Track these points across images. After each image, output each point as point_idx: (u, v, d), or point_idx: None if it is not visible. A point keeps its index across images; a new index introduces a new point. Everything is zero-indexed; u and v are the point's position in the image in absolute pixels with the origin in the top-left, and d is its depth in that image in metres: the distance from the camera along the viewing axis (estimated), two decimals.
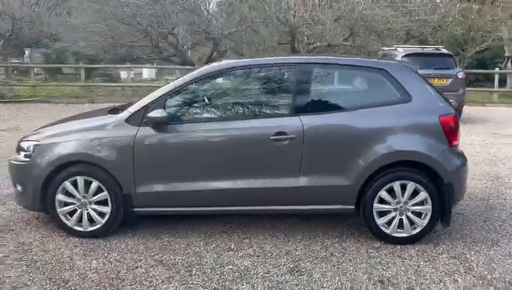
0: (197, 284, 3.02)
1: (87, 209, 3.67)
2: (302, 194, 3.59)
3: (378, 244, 3.63)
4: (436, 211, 3.56)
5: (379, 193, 3.55)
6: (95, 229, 3.69)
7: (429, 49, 11.03)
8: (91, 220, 3.68)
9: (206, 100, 3.85)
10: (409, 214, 3.58)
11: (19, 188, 3.83)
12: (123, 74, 21.48)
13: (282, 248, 3.58)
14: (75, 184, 3.64)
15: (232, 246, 3.60)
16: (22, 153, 3.83)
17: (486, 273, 3.19)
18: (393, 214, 3.59)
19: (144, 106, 3.63)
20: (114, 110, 4.00)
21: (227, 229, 3.91)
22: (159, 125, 3.55)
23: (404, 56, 10.09)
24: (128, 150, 3.58)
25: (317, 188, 3.57)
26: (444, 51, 10.93)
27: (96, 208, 3.67)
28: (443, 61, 10.36)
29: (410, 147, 3.53)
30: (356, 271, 3.20)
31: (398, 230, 3.61)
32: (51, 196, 3.65)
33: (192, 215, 4.02)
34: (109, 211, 3.65)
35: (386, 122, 3.56)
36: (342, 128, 3.58)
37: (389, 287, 2.99)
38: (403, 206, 3.57)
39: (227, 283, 3.03)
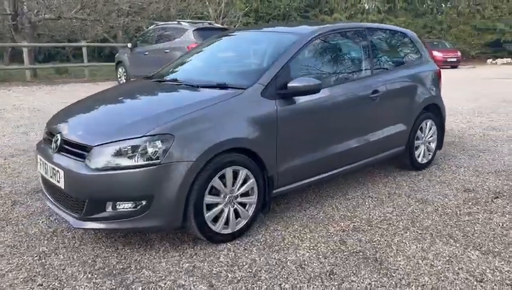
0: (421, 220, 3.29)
1: (233, 206, 3.05)
2: (382, 143, 4.14)
3: (416, 173, 4.64)
4: (438, 139, 4.86)
5: (417, 133, 4.54)
6: (242, 227, 3.11)
7: (205, 24, 12.03)
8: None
9: (322, 65, 3.73)
10: (427, 144, 4.74)
11: (134, 204, 2.72)
12: None
13: (384, 190, 4.09)
14: (221, 178, 2.94)
15: (350, 197, 3.88)
16: (123, 159, 2.70)
17: (482, 170, 4.75)
18: (422, 147, 4.66)
19: (274, 76, 3.25)
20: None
21: (321, 193, 4.03)
22: (302, 94, 3.30)
23: (194, 30, 10.74)
24: (272, 126, 3.17)
25: (391, 136, 4.20)
26: (217, 25, 12.27)
27: (241, 201, 3.09)
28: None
29: (432, 93, 4.63)
30: (438, 186, 4.17)
31: (423, 158, 4.72)
32: (199, 200, 2.83)
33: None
34: (255, 200, 3.15)
35: (420, 74, 4.53)
36: (403, 83, 4.31)
37: (471, 193, 4.10)
38: (425, 140, 4.69)
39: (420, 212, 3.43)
